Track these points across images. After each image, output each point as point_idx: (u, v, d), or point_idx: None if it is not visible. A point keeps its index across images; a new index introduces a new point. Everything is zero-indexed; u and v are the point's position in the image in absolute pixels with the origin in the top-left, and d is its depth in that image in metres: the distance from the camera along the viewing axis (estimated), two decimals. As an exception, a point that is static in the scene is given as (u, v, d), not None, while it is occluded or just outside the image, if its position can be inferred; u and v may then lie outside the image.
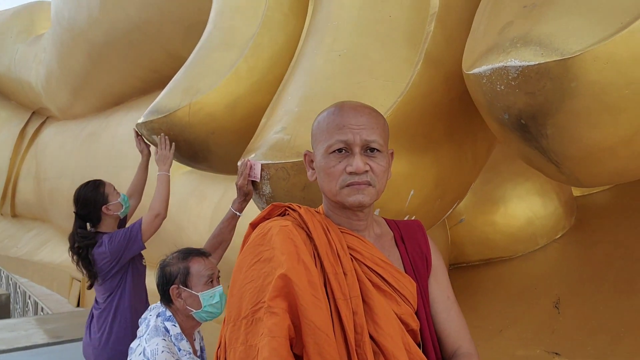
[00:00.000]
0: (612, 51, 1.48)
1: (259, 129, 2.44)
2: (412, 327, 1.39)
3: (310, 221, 1.41)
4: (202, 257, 2.23)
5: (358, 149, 1.35)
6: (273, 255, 1.31)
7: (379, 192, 1.39)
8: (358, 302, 1.33)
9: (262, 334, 1.24)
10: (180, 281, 2.16)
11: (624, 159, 1.69)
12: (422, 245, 1.52)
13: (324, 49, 2.36)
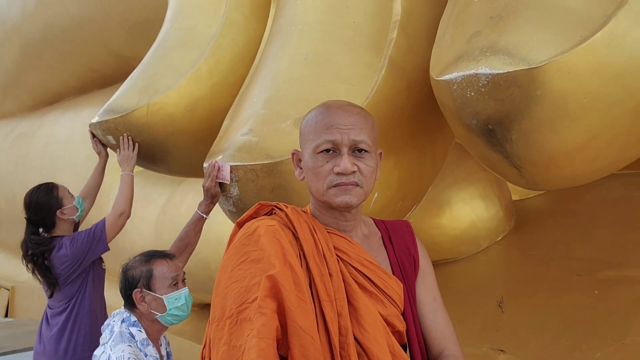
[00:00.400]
0: (572, 63, 1.58)
1: (222, 131, 2.43)
2: (398, 328, 1.39)
3: (296, 221, 1.39)
4: (165, 259, 2.19)
5: (346, 149, 1.34)
6: (260, 257, 1.30)
7: (367, 193, 1.39)
8: (343, 303, 1.32)
9: (249, 335, 1.22)
10: (143, 284, 2.12)
11: (578, 164, 1.81)
12: (410, 245, 1.50)
13: (290, 51, 2.37)
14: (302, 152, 1.44)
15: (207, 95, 2.71)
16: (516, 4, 1.73)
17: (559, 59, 1.57)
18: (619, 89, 1.65)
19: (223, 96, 2.72)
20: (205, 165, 2.25)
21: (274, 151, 2.07)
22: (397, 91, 2.28)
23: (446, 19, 2.07)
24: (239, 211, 2.18)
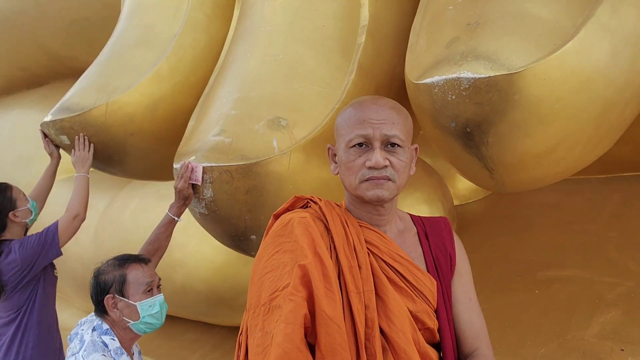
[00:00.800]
0: (546, 70, 1.68)
1: (188, 132, 2.37)
2: (428, 325, 1.39)
3: (329, 214, 1.42)
4: (140, 263, 2.09)
5: (378, 144, 1.36)
6: (293, 247, 1.34)
7: (400, 187, 1.40)
8: (371, 296, 1.34)
9: (277, 320, 1.26)
10: (116, 290, 2.01)
11: (546, 166, 1.91)
12: (447, 243, 1.50)
13: (259, 52, 2.36)
14: (337, 147, 1.46)
15: (168, 95, 2.63)
16: (491, 12, 1.81)
17: (535, 65, 1.66)
18: (585, 97, 1.76)
19: (184, 96, 2.66)
20: (177, 166, 2.19)
21: (249, 152, 2.05)
22: (366, 95, 2.32)
23: (418, 26, 2.13)
24: (211, 213, 2.14)
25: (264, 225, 2.14)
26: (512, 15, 1.78)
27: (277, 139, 2.08)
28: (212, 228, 2.23)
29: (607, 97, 1.81)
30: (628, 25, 1.82)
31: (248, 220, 2.10)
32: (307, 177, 2.14)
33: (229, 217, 2.11)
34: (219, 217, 2.13)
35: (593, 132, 1.89)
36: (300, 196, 1.54)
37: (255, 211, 2.08)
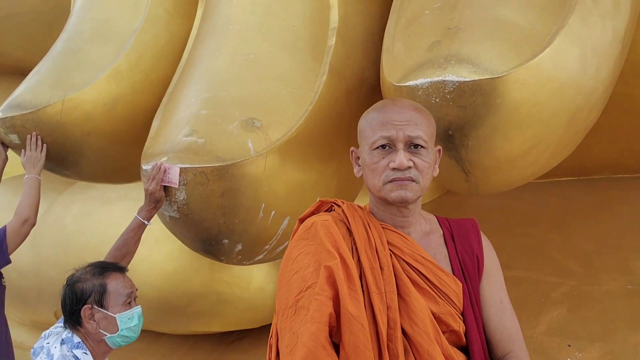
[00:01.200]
0: (526, 75, 1.73)
1: (153, 132, 2.27)
2: (453, 327, 1.37)
3: (351, 216, 1.42)
4: (120, 273, 1.96)
5: (401, 145, 1.36)
6: (316, 249, 1.35)
7: (424, 189, 1.40)
8: (393, 297, 1.33)
9: (303, 320, 1.27)
10: (95, 300, 1.88)
11: (519, 169, 1.97)
12: (474, 244, 1.48)
13: (228, 51, 2.29)
14: (360, 150, 1.47)
15: (128, 94, 2.51)
16: (470, 18, 1.85)
17: (516, 70, 1.70)
18: (558, 102, 1.83)
19: (145, 95, 2.55)
20: (146, 167, 2.08)
21: (224, 153, 1.98)
22: (337, 97, 2.31)
23: (392, 29, 2.14)
24: (183, 217, 2.05)
25: (238, 229, 2.09)
26: (490, 21, 1.82)
27: (252, 140, 2.03)
28: (182, 232, 2.14)
29: (576, 104, 1.90)
30: (595, 35, 1.91)
31: (222, 224, 2.03)
32: (282, 179, 2.10)
33: (202, 220, 2.03)
34: (191, 221, 2.04)
35: (562, 137, 1.97)
36: (325, 200, 1.55)
37: (229, 214, 2.01)
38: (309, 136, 2.15)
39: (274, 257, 2.33)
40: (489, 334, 1.44)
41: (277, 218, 2.12)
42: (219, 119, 2.08)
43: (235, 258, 2.19)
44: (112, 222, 3.71)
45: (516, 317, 1.46)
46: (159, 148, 2.10)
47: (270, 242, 2.18)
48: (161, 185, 2.00)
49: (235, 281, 3.65)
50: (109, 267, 1.96)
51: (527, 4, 1.87)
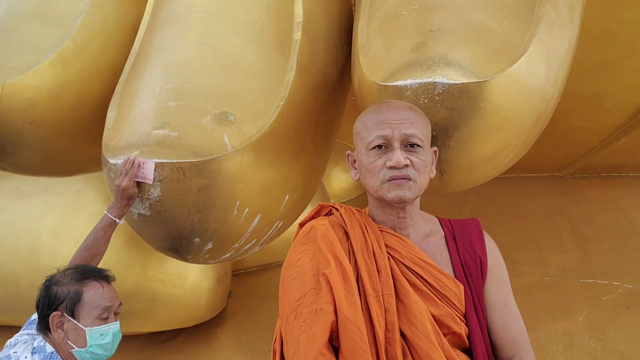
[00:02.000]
0: (506, 80, 1.81)
1: (111, 123, 2.11)
2: (454, 330, 1.36)
3: (348, 220, 1.42)
4: (101, 282, 1.80)
5: (398, 144, 1.36)
6: (315, 254, 1.35)
7: (422, 188, 1.39)
8: (391, 299, 1.33)
9: (302, 327, 1.28)
10: (67, 308, 1.71)
11: (488, 169, 2.07)
12: (477, 245, 1.46)
13: (192, 40, 2.18)
14: (356, 152, 1.45)
15: (74, 80, 2.30)
16: (450, 21, 1.90)
17: (500, 75, 1.78)
18: (528, 107, 1.94)
19: (91, 82, 2.36)
20: (115, 161, 1.92)
21: (202, 148, 1.88)
22: (305, 93, 2.29)
23: (364, 28, 2.15)
24: (155, 214, 1.92)
25: (212, 227, 2.01)
26: (469, 26, 1.89)
27: (228, 135, 1.95)
28: (150, 231, 2.01)
29: (540, 109, 2.02)
30: (557, 45, 2.05)
31: (196, 222, 1.93)
32: (257, 176, 2.04)
33: (175, 218, 1.92)
34: (163, 219, 1.92)
35: (525, 139, 2.09)
36: (324, 204, 1.54)
37: (204, 212, 1.92)
38: (282, 132, 2.11)
39: (240, 255, 2.26)
40: (493, 337, 1.43)
41: (250, 216, 2.06)
42: (190, 112, 1.97)
43: (202, 257, 2.10)
44: (31, 217, 3.41)
45: (522, 320, 1.46)
46: (126, 141, 1.96)
47: (240, 240, 2.12)
48: (134, 181, 1.87)
49: (170, 279, 3.51)
50: (90, 274, 1.79)
51: (499, 11, 1.96)
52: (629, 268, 3.63)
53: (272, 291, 4.28)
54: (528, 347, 1.44)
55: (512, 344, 1.42)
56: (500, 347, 1.43)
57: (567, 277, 3.73)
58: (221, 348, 3.58)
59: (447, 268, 1.43)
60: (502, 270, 1.50)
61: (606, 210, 4.33)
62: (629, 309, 3.33)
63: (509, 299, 1.47)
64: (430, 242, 1.47)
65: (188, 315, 3.58)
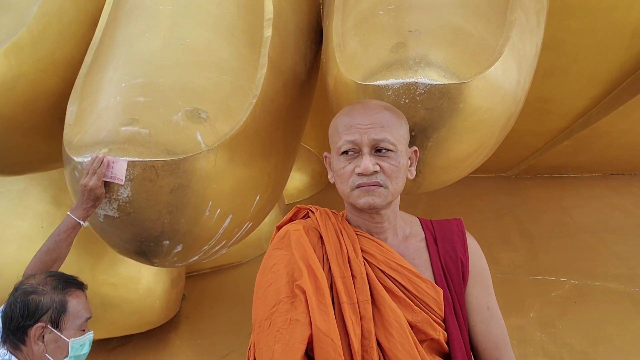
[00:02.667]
0: (484, 83, 1.83)
1: (72, 118, 1.98)
2: (432, 336, 1.33)
3: (323, 224, 1.38)
4: (82, 291, 1.71)
5: (367, 150, 1.31)
6: (288, 260, 1.32)
7: (395, 193, 1.35)
8: (367, 306, 1.29)
9: (276, 337, 1.24)
10: (51, 319, 1.59)
11: (460, 169, 2.10)
12: (458, 247, 1.41)
13: (160, 33, 2.09)
14: (331, 155, 1.41)
15: (29, 73, 2.15)
16: (428, 22, 1.91)
17: (479, 77, 1.80)
18: (501, 109, 1.98)
19: (48, 75, 2.21)
20: (81, 159, 1.80)
21: (175, 147, 1.80)
22: (277, 91, 2.24)
23: (339, 27, 2.12)
24: (123, 216, 1.81)
25: (183, 228, 1.93)
26: (447, 28, 1.90)
27: (201, 133, 1.88)
28: (116, 233, 1.90)
29: (511, 110, 2.07)
30: (526, 49, 2.10)
31: (166, 223, 1.85)
32: (229, 175, 1.97)
33: (145, 220, 1.82)
34: (132, 220, 1.82)
35: (496, 140, 2.14)
36: (302, 206, 1.48)
37: (176, 213, 1.84)
38: (254, 131, 2.05)
39: (208, 258, 2.19)
40: (474, 341, 1.40)
41: (221, 217, 1.99)
42: (160, 108, 1.89)
43: (170, 260, 2.01)
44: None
45: (504, 323, 1.43)
46: (92, 137, 1.84)
47: (210, 242, 2.04)
48: (102, 180, 1.75)
49: (122, 282, 3.36)
50: (72, 283, 1.69)
51: (474, 14, 1.98)
52: (574, 265, 3.79)
53: (226, 293, 4.21)
54: (509, 351, 1.41)
55: (493, 348, 1.40)
56: (482, 351, 1.40)
57: (517, 274, 3.85)
58: (176, 353, 3.47)
59: (426, 271, 1.39)
60: (485, 272, 1.45)
61: (550, 209, 4.51)
62: (576, 304, 3.48)
63: (491, 303, 1.43)
64: (410, 245, 1.43)
65: (141, 319, 3.44)
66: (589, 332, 3.21)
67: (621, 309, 3.33)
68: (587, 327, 3.24)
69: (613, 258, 3.80)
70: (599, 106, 4.31)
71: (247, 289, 4.31)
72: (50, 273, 1.71)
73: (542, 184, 4.95)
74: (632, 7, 3.63)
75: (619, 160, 4.80)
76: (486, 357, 1.40)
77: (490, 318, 1.41)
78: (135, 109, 1.87)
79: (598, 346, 3.11)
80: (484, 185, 5.00)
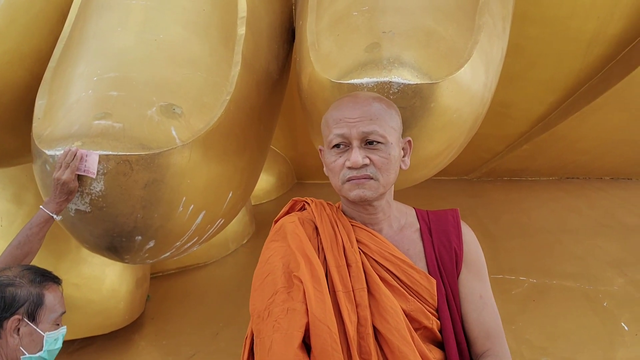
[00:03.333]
0: (455, 83, 1.89)
1: (41, 112, 1.94)
2: (425, 324, 1.35)
3: (318, 215, 1.41)
4: (57, 285, 1.69)
5: (356, 143, 1.33)
6: (285, 252, 1.35)
7: (386, 185, 1.37)
8: (362, 294, 1.32)
9: (274, 327, 1.27)
10: (28, 312, 1.57)
11: (429, 169, 2.15)
12: (453, 238, 1.43)
13: (133, 28, 2.07)
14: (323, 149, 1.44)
15: (-5, 65, 2.10)
16: (401, 24, 1.96)
17: (450, 78, 1.86)
18: (469, 110, 2.04)
19: (14, 68, 2.16)
20: (52, 152, 1.76)
21: (149, 141, 1.79)
22: (250, 89, 2.25)
23: (313, 26, 2.15)
24: (95, 210, 1.79)
25: (155, 224, 1.92)
26: (420, 30, 1.95)
27: (175, 128, 1.87)
28: (87, 228, 1.87)
29: (478, 112, 2.14)
30: (493, 53, 2.18)
31: (139, 218, 1.83)
32: (204, 171, 1.97)
33: (118, 215, 1.80)
34: (104, 215, 1.80)
35: (464, 141, 2.20)
36: (298, 199, 1.52)
37: (149, 208, 1.83)
38: (229, 127, 2.06)
39: (179, 255, 2.17)
40: (467, 330, 1.40)
41: (194, 213, 1.99)
42: (134, 103, 1.87)
43: (141, 256, 1.99)
44: None
45: (498, 314, 1.43)
46: (64, 131, 1.81)
47: (182, 238, 2.03)
48: (76, 174, 1.72)
49: (85, 283, 3.30)
50: (48, 276, 1.68)
51: (445, 17, 2.04)
52: (533, 264, 3.92)
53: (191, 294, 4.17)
54: (503, 341, 1.41)
55: (485, 338, 1.39)
56: (474, 340, 1.40)
57: (479, 274, 3.95)
58: (141, 355, 3.41)
59: (420, 262, 1.42)
60: (479, 263, 1.46)
61: (510, 211, 4.65)
62: (535, 302, 3.59)
63: (485, 292, 1.43)
64: (404, 235, 1.45)
65: (105, 321, 3.38)
66: (547, 328, 3.32)
67: (577, 306, 3.46)
68: (545, 323, 3.35)
69: (569, 257, 3.94)
70: (557, 111, 4.48)
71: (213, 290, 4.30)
72: (27, 266, 1.68)
73: (502, 187, 5.10)
74: (589, 16, 3.79)
75: (574, 165, 4.99)
76: (478, 346, 1.39)
77: (482, 307, 1.41)
78: (108, 103, 1.85)
79: (555, 341, 3.22)
80: (447, 187, 5.11)
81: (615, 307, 3.36)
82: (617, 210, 4.53)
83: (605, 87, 4.11)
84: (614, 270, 3.71)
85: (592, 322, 3.29)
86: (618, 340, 3.10)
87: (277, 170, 5.04)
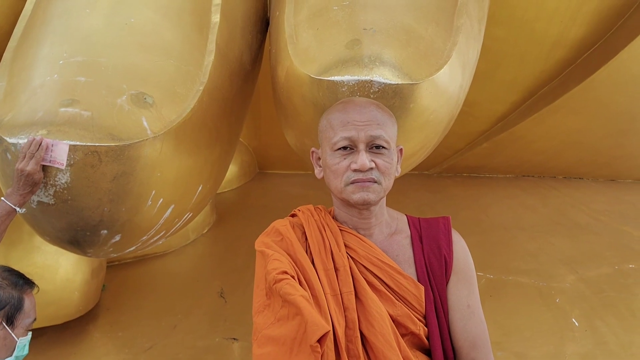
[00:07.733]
0: (433, 85, 1.89)
1: (1, 94, 1.82)
2: (412, 330, 1.35)
3: (306, 220, 1.42)
4: (33, 291, 1.65)
5: (363, 146, 1.33)
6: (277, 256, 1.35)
7: (386, 190, 1.38)
8: (350, 297, 1.32)
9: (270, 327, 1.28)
10: (6, 315, 1.52)
11: (405, 167, 2.15)
12: (443, 245, 1.42)
13: (103, 11, 1.97)
14: (321, 150, 1.42)
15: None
16: (382, 22, 1.93)
17: (429, 79, 1.85)
18: (445, 111, 2.05)
19: (-30, 47, 2.02)
20: (14, 140, 1.65)
21: (119, 132, 1.70)
22: (224, 80, 2.18)
23: (291, 18, 2.10)
24: (60, 203, 1.69)
25: (123, 218, 1.84)
26: (400, 28, 1.93)
27: (147, 119, 1.79)
28: (49, 221, 1.77)
29: (453, 113, 2.15)
30: (469, 55, 2.18)
31: (106, 212, 1.75)
32: (175, 164, 1.90)
33: (84, 208, 1.71)
34: (68, 208, 1.70)
35: (437, 141, 2.21)
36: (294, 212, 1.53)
37: (117, 201, 1.75)
38: (201, 119, 1.99)
39: (145, 248, 2.10)
40: (453, 339, 1.39)
41: (163, 206, 1.92)
42: (103, 90, 1.78)
43: (105, 250, 1.91)
44: None
45: (485, 324, 1.42)
46: (27, 117, 1.70)
47: (149, 232, 1.96)
48: (41, 165, 1.62)
49: (38, 272, 3.15)
50: (27, 281, 1.64)
51: (424, 16, 2.03)
52: (490, 260, 4.01)
53: (149, 284, 4.06)
54: (488, 352, 1.39)
55: (470, 347, 1.38)
56: (459, 349, 1.39)
57: (438, 269, 4.01)
58: (95, 346, 3.30)
59: (409, 268, 1.41)
60: (469, 271, 1.45)
61: (469, 207, 4.74)
62: (492, 297, 3.68)
63: (472, 301, 1.41)
64: (394, 241, 1.45)
65: (57, 311, 3.25)
66: (503, 323, 3.41)
67: (531, 302, 3.56)
68: (500, 318, 3.44)
69: (524, 254, 4.05)
70: (516, 112, 4.58)
71: (171, 280, 4.20)
72: (6, 267, 1.61)
73: (461, 183, 5.19)
74: (552, 20, 3.88)
75: (530, 164, 5.13)
76: (463, 355, 1.39)
77: (469, 316, 1.39)
78: (75, 89, 1.75)
79: (510, 336, 3.30)
80: (408, 182, 5.16)
81: (567, 304, 3.48)
82: (569, 209, 4.69)
83: (564, 91, 4.23)
84: (566, 267, 3.84)
85: (544, 318, 3.39)
86: (569, 335, 3.22)
87: (239, 159, 4.97)
